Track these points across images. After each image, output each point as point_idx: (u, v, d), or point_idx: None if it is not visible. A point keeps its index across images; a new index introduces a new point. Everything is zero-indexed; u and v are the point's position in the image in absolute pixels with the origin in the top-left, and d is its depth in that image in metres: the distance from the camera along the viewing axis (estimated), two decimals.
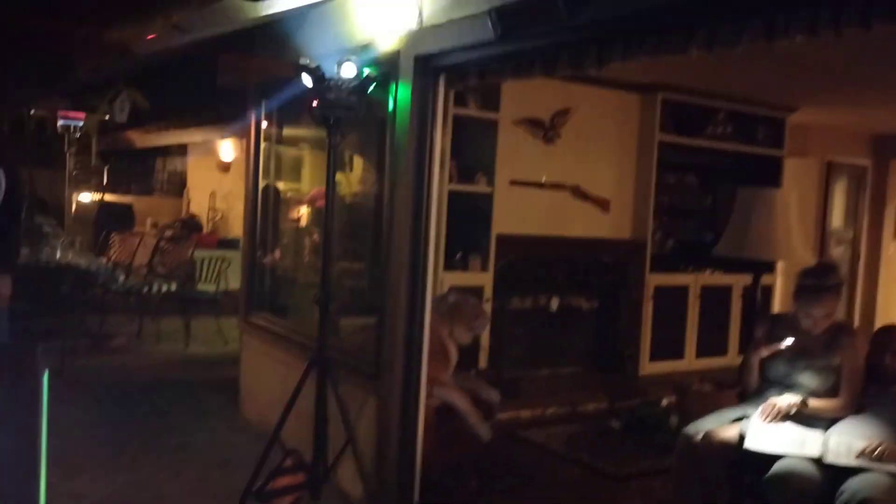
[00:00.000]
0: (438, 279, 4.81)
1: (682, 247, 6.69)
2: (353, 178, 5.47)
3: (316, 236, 5.46)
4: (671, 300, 6.39)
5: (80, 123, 8.62)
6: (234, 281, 7.36)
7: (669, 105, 6.25)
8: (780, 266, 6.65)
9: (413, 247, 3.69)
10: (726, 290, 6.70)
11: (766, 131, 6.82)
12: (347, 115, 3.55)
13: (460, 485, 3.94)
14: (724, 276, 6.57)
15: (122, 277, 7.68)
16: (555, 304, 6.03)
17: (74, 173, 10.12)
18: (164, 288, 7.57)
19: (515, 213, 5.62)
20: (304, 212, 6.11)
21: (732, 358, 6.45)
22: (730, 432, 3.21)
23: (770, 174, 6.63)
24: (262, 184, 5.48)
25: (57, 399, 5.36)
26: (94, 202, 11.88)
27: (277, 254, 5.64)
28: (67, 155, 9.21)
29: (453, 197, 5.20)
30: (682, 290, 6.50)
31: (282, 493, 3.69)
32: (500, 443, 4.43)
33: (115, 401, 5.53)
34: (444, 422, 3.93)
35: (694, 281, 6.54)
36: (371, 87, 3.55)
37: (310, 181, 6.10)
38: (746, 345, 3.94)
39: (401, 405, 3.69)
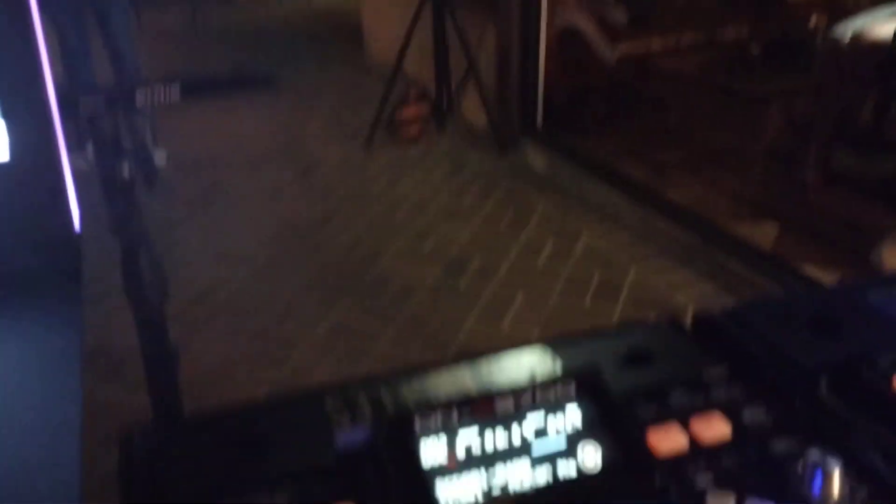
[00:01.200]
0: None
1: None
2: None
3: None
4: None
5: None
6: None
7: None
8: None
9: None
10: None
11: None
12: None
13: (585, 111, 3.89)
14: None
15: None
16: None
17: None
18: None
19: None
20: None
21: None
22: (883, 30, 2.87)
23: None
24: None
25: (191, 50, 5.50)
26: None
27: None
28: None
29: None
30: None
31: (408, 123, 3.79)
32: (629, 72, 4.27)
33: (246, 52, 5.65)
34: (569, 46, 3.78)
35: None
36: None
37: None
38: None
39: (520, 29, 3.56)
